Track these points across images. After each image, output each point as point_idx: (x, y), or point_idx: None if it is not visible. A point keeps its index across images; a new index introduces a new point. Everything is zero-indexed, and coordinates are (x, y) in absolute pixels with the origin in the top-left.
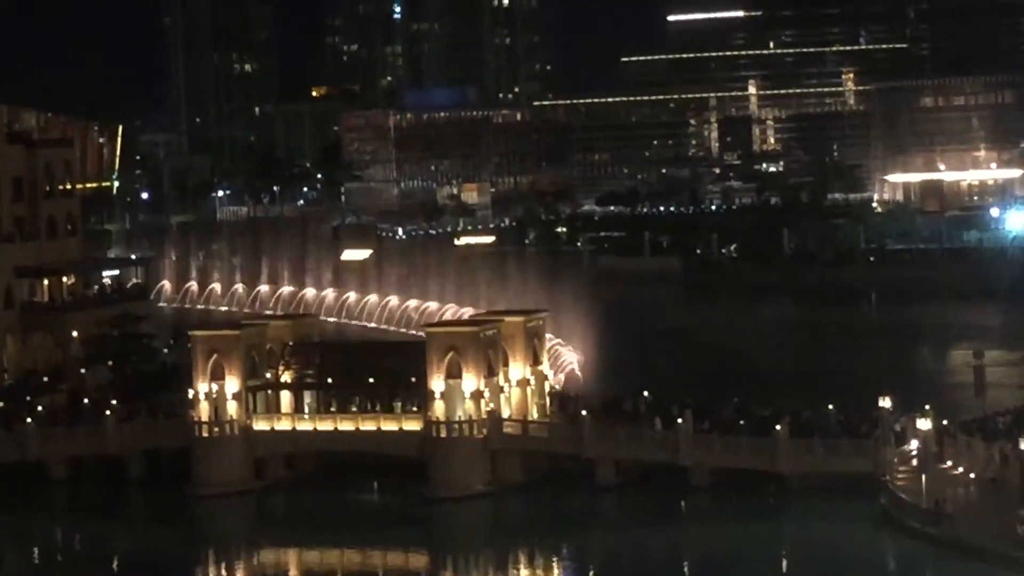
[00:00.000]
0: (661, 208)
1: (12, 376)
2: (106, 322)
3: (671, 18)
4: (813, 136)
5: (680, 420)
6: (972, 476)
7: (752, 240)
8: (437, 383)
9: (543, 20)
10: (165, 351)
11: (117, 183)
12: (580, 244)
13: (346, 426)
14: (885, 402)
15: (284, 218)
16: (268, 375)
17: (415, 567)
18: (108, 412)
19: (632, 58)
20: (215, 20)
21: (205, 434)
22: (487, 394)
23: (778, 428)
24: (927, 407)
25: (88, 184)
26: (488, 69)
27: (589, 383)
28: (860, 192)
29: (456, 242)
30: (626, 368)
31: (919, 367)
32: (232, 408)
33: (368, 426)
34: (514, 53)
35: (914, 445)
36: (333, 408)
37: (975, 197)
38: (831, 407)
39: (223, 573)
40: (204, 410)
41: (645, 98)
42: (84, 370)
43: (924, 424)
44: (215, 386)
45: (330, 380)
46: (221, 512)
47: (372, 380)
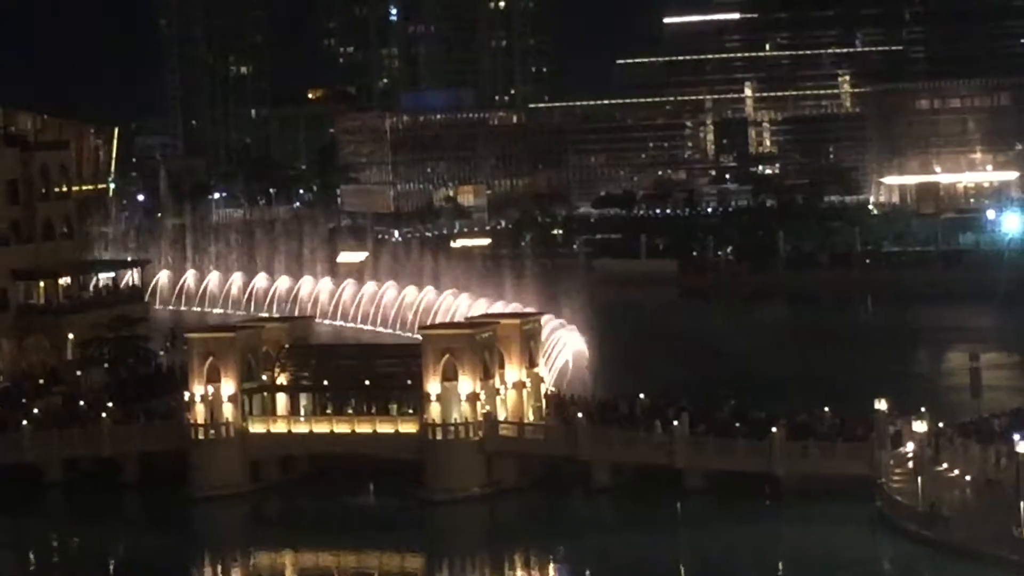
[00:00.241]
0: (657, 210)
1: (8, 378)
2: (102, 324)
3: (667, 20)
4: (809, 138)
5: (676, 423)
6: (968, 479)
7: (748, 242)
8: (433, 385)
9: (539, 23)
10: (161, 353)
11: (113, 186)
12: (576, 246)
13: (342, 428)
14: (881, 404)
15: (280, 220)
16: (264, 377)
17: (411, 569)
18: (104, 414)
19: (628, 60)
20: (210, 23)
21: (201, 436)
22: (483, 396)
23: (774, 431)
24: (923, 409)
25: (84, 186)
26: (484, 71)
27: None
28: (856, 194)
29: (452, 244)
30: (622, 370)
31: (915, 369)
32: (228, 410)
33: (364, 428)
34: (510, 55)
35: (910, 448)
36: (329, 410)
37: (971, 199)
38: (827, 410)
39: (219, 575)
40: (200, 412)
41: (641, 100)
42: (80, 372)
43: (920, 426)
44: (211, 388)
45: (326, 382)
46: (217, 514)
47: (368, 382)
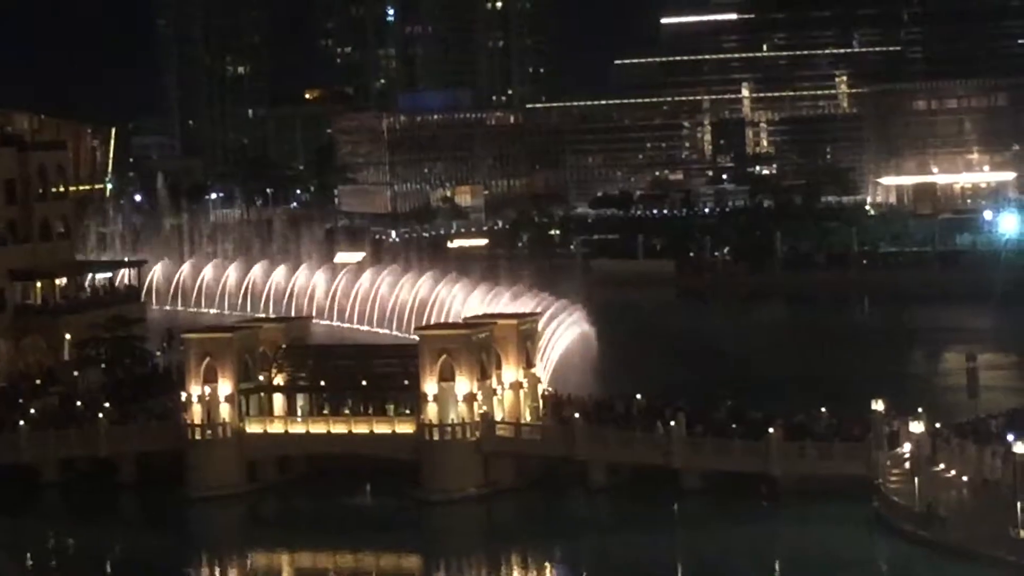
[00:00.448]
0: (654, 211)
1: (4, 379)
2: (99, 325)
3: (664, 21)
4: (806, 139)
5: (672, 423)
6: (965, 479)
7: (745, 243)
8: (430, 386)
9: (536, 23)
10: (158, 354)
11: (110, 186)
12: (573, 247)
13: (339, 429)
14: (878, 405)
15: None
16: (261, 378)
17: (408, 570)
18: (100, 415)
19: (625, 61)
20: (208, 23)
21: (198, 437)
22: (480, 397)
23: (771, 431)
24: (920, 410)
25: (81, 187)
26: (481, 72)
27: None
28: (853, 195)
29: (449, 244)
30: (619, 370)
31: (912, 370)
32: (225, 411)
33: (361, 429)
34: (507, 56)
35: (907, 448)
36: (326, 411)
37: (968, 200)
38: (824, 410)
39: (216, 575)
40: (197, 413)
41: (638, 101)
42: (77, 373)
43: (917, 427)
44: (208, 389)
45: (323, 383)
46: (214, 515)
47: (365, 383)
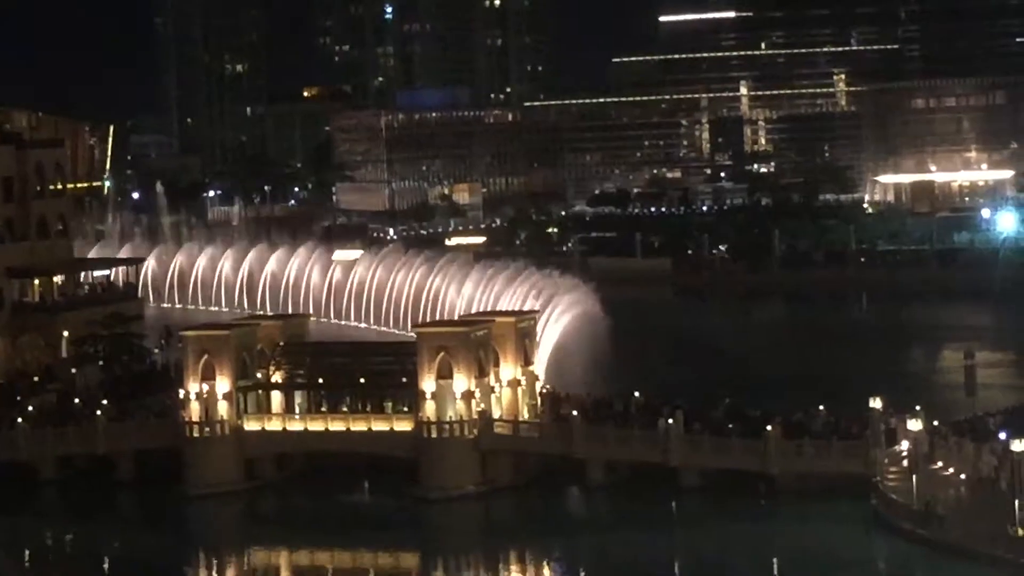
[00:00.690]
0: (652, 209)
1: (2, 376)
2: (96, 322)
3: (662, 19)
4: (804, 137)
5: (671, 421)
6: (963, 477)
7: (743, 241)
8: (428, 383)
9: (534, 21)
10: (156, 351)
11: (108, 183)
12: (571, 245)
13: (337, 426)
14: (876, 403)
15: (276, 218)
16: (259, 375)
17: (406, 567)
18: (99, 412)
19: (623, 59)
20: (206, 21)
21: (196, 434)
22: (478, 394)
23: (769, 429)
24: (918, 408)
25: (79, 184)
26: (480, 70)
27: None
28: (851, 193)
29: (447, 242)
30: (617, 368)
31: (910, 368)
32: (223, 408)
33: (359, 426)
34: (505, 54)
35: (905, 446)
36: (324, 408)
37: (966, 198)
38: (822, 408)
39: (214, 573)
40: (195, 410)
41: (636, 99)
42: (74, 370)
43: (915, 425)
44: (206, 386)
45: (321, 380)
46: (211, 512)
47: (363, 380)
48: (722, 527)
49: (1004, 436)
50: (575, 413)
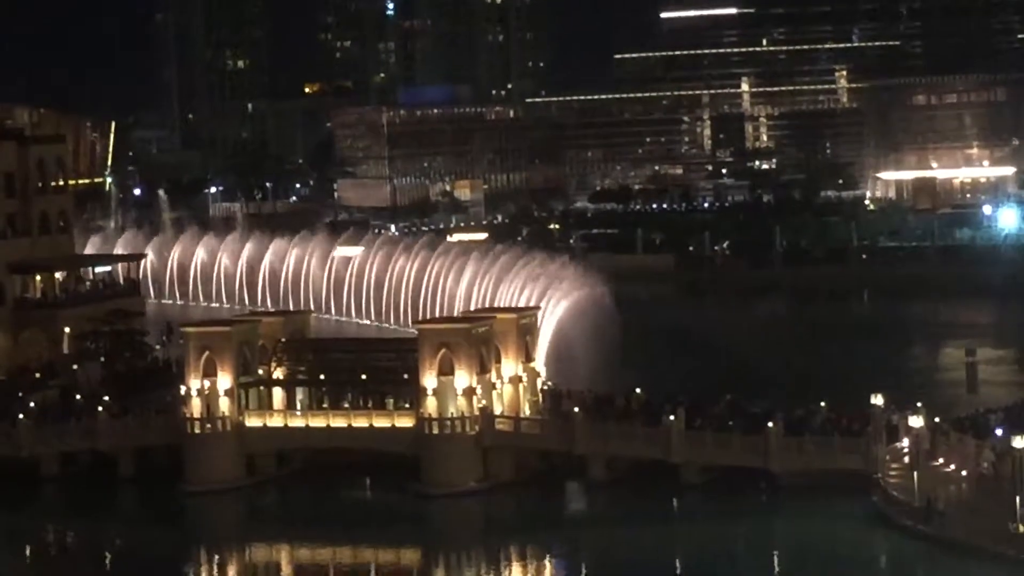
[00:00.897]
0: (654, 205)
1: (4, 372)
2: (98, 318)
3: (664, 15)
4: (806, 133)
5: (672, 417)
6: (964, 473)
7: (745, 237)
8: (429, 380)
9: (536, 17)
10: (157, 347)
11: (110, 179)
12: (573, 241)
13: (338, 423)
14: (877, 399)
15: (277, 214)
16: (260, 371)
17: (407, 564)
18: (100, 408)
19: (625, 55)
20: (208, 17)
21: (197, 431)
22: (479, 391)
23: (770, 425)
24: (919, 404)
25: (81, 180)
26: (481, 66)
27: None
28: (853, 190)
29: (449, 238)
30: (618, 365)
31: (911, 364)
32: (224, 405)
33: (360, 423)
34: (507, 50)
35: (906, 443)
36: (325, 404)
37: (967, 195)
38: (823, 404)
39: (215, 570)
40: (196, 406)
41: (638, 95)
42: (76, 366)
43: (916, 421)
44: (207, 382)
45: (322, 376)
46: (213, 509)
47: (364, 376)
48: (723, 524)
49: (1000, 432)
50: (576, 409)
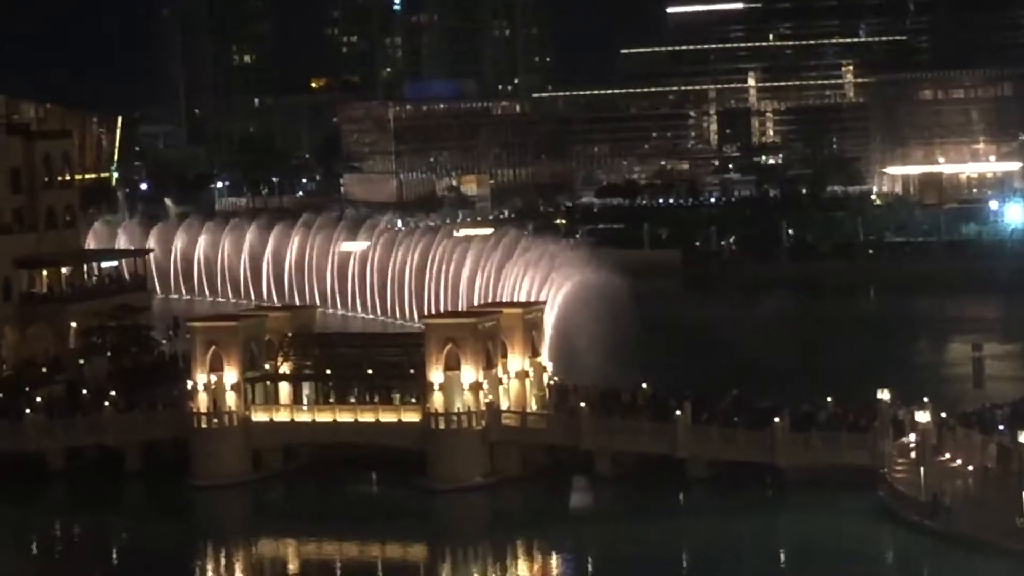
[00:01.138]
0: (660, 200)
1: (11, 367)
2: (105, 313)
3: (670, 10)
4: (812, 128)
5: (678, 412)
6: (971, 468)
7: (751, 232)
8: (436, 375)
9: (542, 12)
10: (164, 342)
11: (116, 174)
12: (579, 236)
13: (345, 417)
14: (884, 395)
15: (283, 209)
16: (267, 366)
17: (413, 559)
18: (107, 403)
19: (631, 50)
20: (213, 11)
21: (204, 425)
22: (486, 386)
23: (776, 421)
24: (926, 399)
25: (87, 175)
26: (487, 61)
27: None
28: (859, 185)
29: (455, 233)
30: (624, 360)
31: (918, 360)
32: (231, 399)
33: (367, 418)
34: (513, 45)
35: (913, 438)
36: (332, 399)
37: (974, 190)
38: (830, 400)
39: (221, 564)
40: (203, 401)
41: (644, 90)
42: (83, 361)
43: (923, 416)
44: (214, 377)
45: (329, 371)
46: (219, 503)
47: (371, 371)
48: (729, 519)
49: (1003, 428)
50: (583, 404)
